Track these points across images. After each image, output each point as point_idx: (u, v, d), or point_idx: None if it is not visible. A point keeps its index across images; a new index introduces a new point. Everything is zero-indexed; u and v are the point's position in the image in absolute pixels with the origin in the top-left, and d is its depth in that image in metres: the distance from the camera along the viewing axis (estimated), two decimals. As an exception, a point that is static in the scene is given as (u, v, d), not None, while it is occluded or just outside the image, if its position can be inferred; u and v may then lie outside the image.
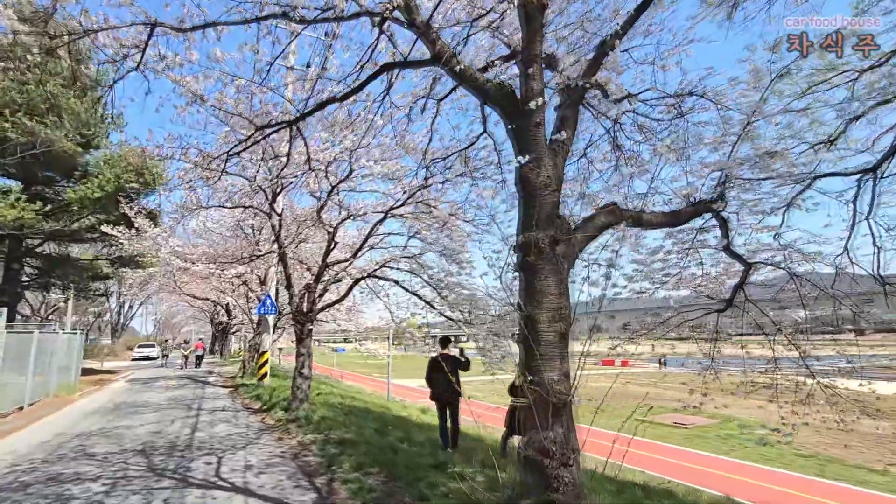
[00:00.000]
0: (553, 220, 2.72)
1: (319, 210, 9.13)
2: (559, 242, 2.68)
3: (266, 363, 12.89)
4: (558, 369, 2.69)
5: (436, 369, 6.36)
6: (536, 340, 2.64)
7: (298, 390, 8.84)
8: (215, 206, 9.63)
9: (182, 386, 14.87)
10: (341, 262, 9.35)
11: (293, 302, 9.24)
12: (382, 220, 8.91)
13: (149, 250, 14.80)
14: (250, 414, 9.55)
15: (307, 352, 9.05)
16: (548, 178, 2.76)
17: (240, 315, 24.66)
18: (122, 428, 8.26)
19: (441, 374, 6.31)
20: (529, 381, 2.63)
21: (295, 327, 9.07)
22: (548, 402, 2.59)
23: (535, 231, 2.69)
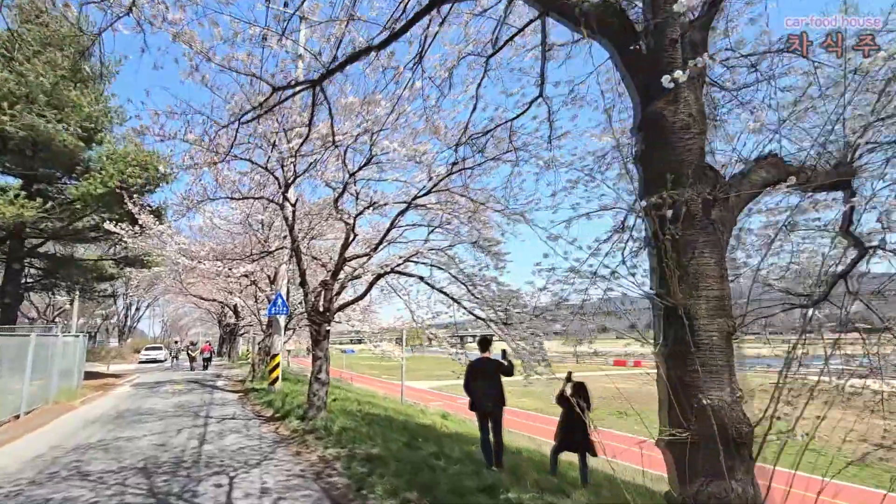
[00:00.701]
0: (702, 174, 1.93)
1: (337, 199, 8.36)
2: (715, 204, 1.88)
3: (277, 367, 12.15)
4: (729, 386, 1.88)
5: (476, 375, 5.56)
6: (695, 343, 1.83)
7: (315, 397, 8.07)
8: (223, 197, 8.90)
9: (189, 391, 14.17)
10: (360, 256, 8.57)
11: (308, 300, 8.48)
12: (405, 210, 8.12)
13: (154, 248, 14.14)
14: (262, 423, 8.79)
15: (324, 355, 8.28)
16: (689, 118, 1.97)
17: (248, 316, 24.01)
18: (123, 440, 7.52)
19: (482, 381, 5.51)
20: (696, 405, 1.82)
21: (310, 328, 8.30)
22: (726, 437, 1.77)
23: (675, 189, 1.88)
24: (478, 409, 5.55)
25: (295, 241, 8.40)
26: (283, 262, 12.32)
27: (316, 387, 8.11)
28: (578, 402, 5.84)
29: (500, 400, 5.51)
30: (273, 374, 12.05)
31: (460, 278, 7.91)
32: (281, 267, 12.61)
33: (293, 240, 8.40)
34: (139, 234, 13.24)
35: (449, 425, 10.33)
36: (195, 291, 24.77)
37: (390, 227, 8.25)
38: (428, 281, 8.35)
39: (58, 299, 28.95)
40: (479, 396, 5.49)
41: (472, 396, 5.56)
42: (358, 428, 7.21)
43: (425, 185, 7.88)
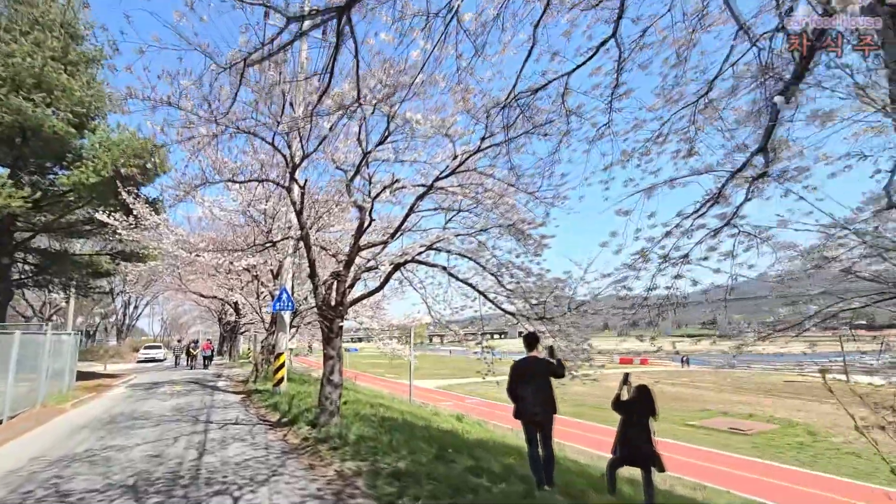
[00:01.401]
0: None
1: (350, 182, 7.54)
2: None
3: (283, 366, 11.34)
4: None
5: (523, 378, 4.73)
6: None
7: (327, 401, 7.25)
8: (224, 180, 8.05)
9: (188, 392, 13.35)
10: (375, 244, 7.74)
11: (318, 293, 7.65)
12: (426, 192, 7.29)
13: (149, 241, 13.31)
14: (269, 429, 7.97)
15: (337, 354, 7.46)
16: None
17: (250, 314, 23.20)
18: (113, 449, 6.70)
19: (530, 385, 4.68)
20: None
21: (321, 324, 7.48)
22: None
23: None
24: (525, 417, 4.72)
25: (304, 227, 7.56)
26: (287, 254, 11.49)
27: (328, 389, 7.29)
28: (641, 407, 5.06)
29: (552, 406, 4.70)
30: (278, 374, 11.24)
31: (489, 267, 7.09)
32: (286, 260, 11.78)
33: (301, 226, 7.57)
34: (134, 225, 12.44)
35: (470, 430, 9.53)
36: (194, 288, 24.05)
37: (409, 211, 7.41)
38: (451, 271, 7.54)
39: (53, 297, 28.11)
40: (527, 403, 4.66)
41: (519, 403, 4.73)
42: (378, 436, 6.39)
43: (448, 165, 7.07)
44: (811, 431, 14.87)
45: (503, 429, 15.04)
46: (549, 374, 4.69)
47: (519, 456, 6.18)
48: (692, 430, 16.61)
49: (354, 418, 7.66)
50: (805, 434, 14.74)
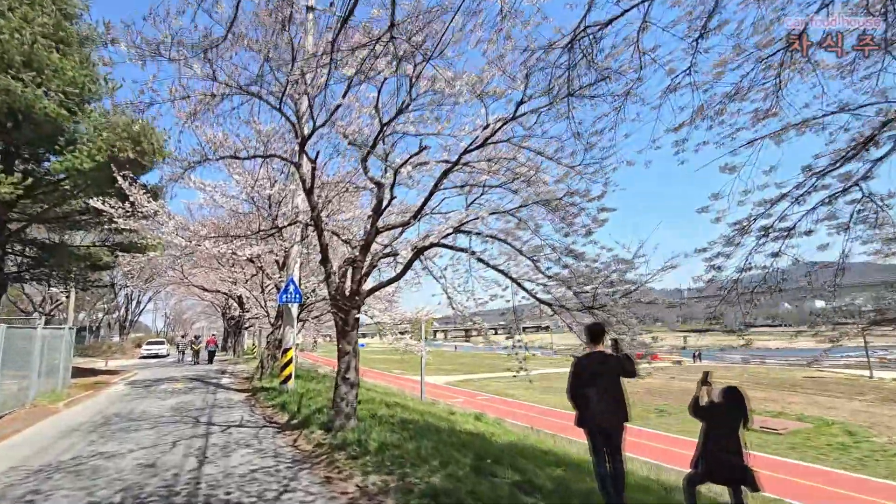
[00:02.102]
0: None
1: (365, 158, 6.73)
2: None
3: (290, 363, 10.57)
4: None
5: (587, 378, 3.90)
6: None
7: (343, 402, 6.45)
8: (225, 157, 7.24)
9: (190, 390, 12.62)
10: (394, 227, 6.92)
11: (332, 282, 6.85)
12: (453, 167, 6.46)
13: (147, 229, 12.54)
14: (277, 432, 7.19)
15: (353, 349, 6.65)
16: None
17: (254, 308, 22.48)
18: (103, 457, 5.94)
19: (597, 387, 3.85)
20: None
21: (335, 317, 6.68)
22: None
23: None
24: (590, 425, 3.89)
25: (314, 208, 6.74)
26: (294, 241, 10.69)
27: (343, 389, 6.50)
28: (730, 413, 4.24)
29: (624, 412, 3.87)
30: (285, 371, 10.48)
31: (525, 251, 6.26)
32: (292, 249, 10.99)
33: (312, 207, 6.75)
34: (131, 213, 11.65)
35: (494, 431, 8.74)
36: (197, 282, 23.37)
37: (434, 189, 6.58)
38: (481, 257, 6.71)
39: (53, 291, 27.48)
40: (593, 407, 3.83)
41: (583, 408, 3.90)
42: (402, 443, 5.59)
43: (478, 136, 6.24)
44: (849, 431, 14.03)
45: (519, 427, 14.27)
46: (619, 373, 3.86)
47: (568, 466, 5.38)
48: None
49: (372, 421, 6.87)
50: (843, 434, 13.89)
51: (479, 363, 46.65)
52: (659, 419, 17.86)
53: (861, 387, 25.26)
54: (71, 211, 16.15)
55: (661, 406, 20.09)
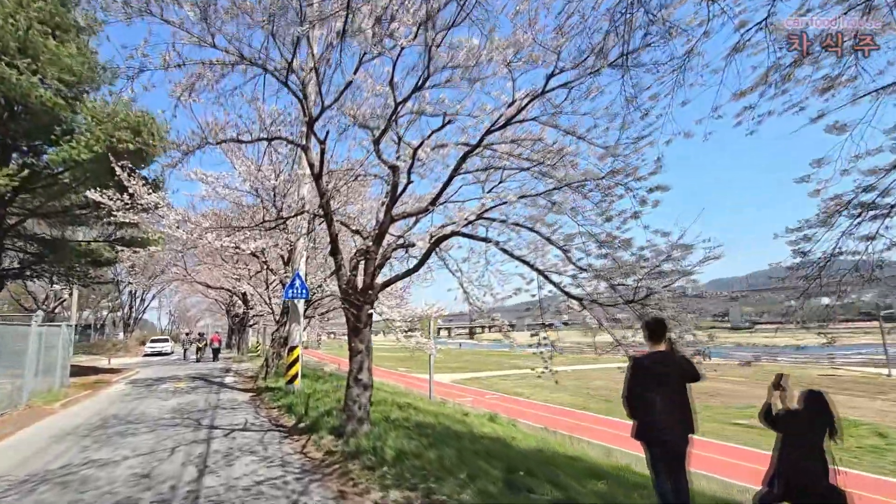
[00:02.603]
0: None
1: (378, 139, 6.20)
2: None
3: (297, 361, 10.07)
4: None
5: (649, 383, 3.33)
6: None
7: (355, 405, 5.93)
8: (227, 140, 6.70)
9: (192, 390, 12.15)
10: (410, 215, 6.36)
11: (342, 275, 6.31)
12: (475, 149, 5.91)
13: (147, 222, 12.06)
14: (283, 437, 6.68)
15: (366, 347, 6.12)
16: None
17: (259, 305, 22.05)
18: (95, 465, 5.44)
19: (659, 394, 3.29)
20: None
21: (346, 312, 6.14)
22: None
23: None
24: (651, 438, 3.33)
25: (324, 194, 6.20)
26: (300, 234, 10.17)
27: (355, 391, 5.97)
28: (812, 422, 3.68)
29: (690, 424, 3.31)
30: (292, 370, 9.98)
31: (555, 240, 5.70)
32: (298, 242, 10.47)
33: (322, 193, 6.20)
34: (130, 205, 11.18)
35: (516, 435, 8.20)
36: (200, 279, 22.98)
37: (453, 173, 6.02)
38: (505, 247, 6.16)
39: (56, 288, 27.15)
40: (657, 418, 3.27)
41: (643, 418, 3.34)
42: (422, 451, 5.06)
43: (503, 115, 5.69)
44: (880, 432, 13.41)
45: (533, 427, 13.72)
46: (686, 378, 3.30)
47: (606, 477, 4.83)
48: (741, 429, 15.18)
49: (386, 425, 6.33)
50: (873, 435, 13.27)
51: (484, 361, 46.15)
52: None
53: (881, 385, 24.54)
54: (71, 205, 15.72)
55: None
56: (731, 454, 12.31)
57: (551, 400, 22.58)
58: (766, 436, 14.05)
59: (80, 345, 34.14)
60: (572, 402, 21.84)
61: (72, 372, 16.58)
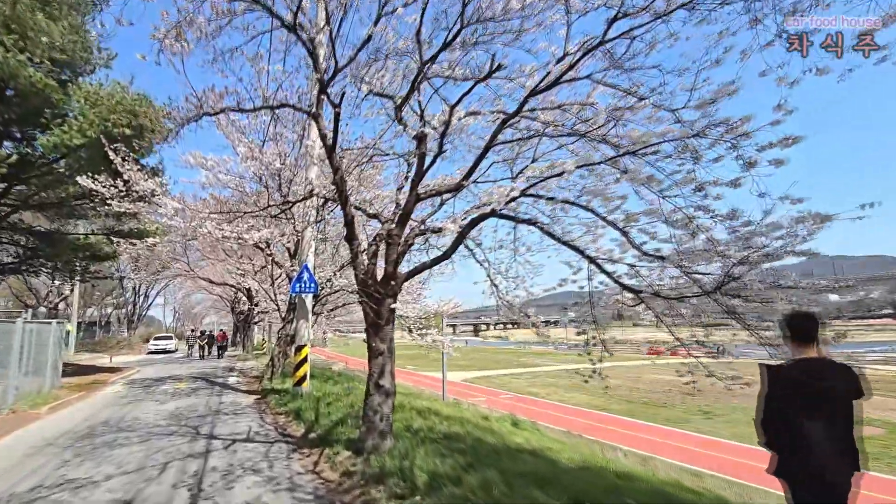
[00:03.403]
0: None
1: (401, 106, 5.32)
2: None
3: (305, 361, 9.20)
4: None
5: (802, 404, 2.38)
6: None
7: (376, 415, 5.04)
8: (226, 109, 5.81)
9: (193, 391, 11.33)
10: (440, 193, 5.44)
11: (359, 264, 5.42)
12: (514, 115, 4.99)
13: (145, 212, 11.26)
14: (292, 450, 5.81)
15: (388, 347, 5.23)
16: None
17: (264, 301, 21.27)
18: (71, 486, 4.60)
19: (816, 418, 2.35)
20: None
21: (365, 307, 5.24)
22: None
23: None
24: (809, 480, 2.37)
25: (338, 170, 5.29)
26: (308, 222, 9.29)
27: (376, 399, 5.08)
28: None
29: (856, 459, 2.37)
30: (300, 371, 9.11)
31: (614, 220, 4.78)
32: (305, 232, 9.59)
33: (335, 168, 5.30)
34: (125, 193, 10.37)
35: (552, 445, 7.29)
36: (204, 274, 22.26)
37: (490, 142, 5.10)
38: (549, 230, 5.24)
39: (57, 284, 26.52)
40: (816, 453, 2.32)
41: (792, 450, 2.39)
42: (459, 475, 4.16)
43: (549, 72, 4.78)
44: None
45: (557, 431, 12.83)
46: (852, 394, 2.36)
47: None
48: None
49: (411, 438, 5.44)
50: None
51: (492, 359, 45.28)
52: (703, 421, 16.29)
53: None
54: (67, 196, 14.92)
55: (703, 407, 18.52)
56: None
57: (567, 400, 21.66)
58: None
59: (85, 342, 33.59)
60: (590, 402, 20.90)
61: (69, 371, 15.86)
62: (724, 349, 4.29)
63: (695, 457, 11.52)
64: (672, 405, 19.11)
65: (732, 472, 10.30)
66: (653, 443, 13.10)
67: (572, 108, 5.27)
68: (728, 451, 12.36)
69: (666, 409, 18.29)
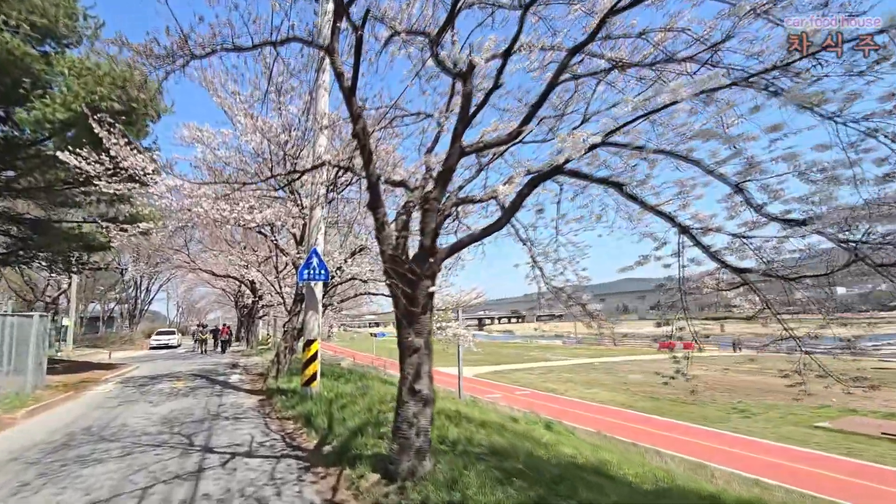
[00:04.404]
0: None
1: (436, 41, 4.20)
2: None
3: (315, 359, 8.11)
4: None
5: None
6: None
7: (412, 428, 3.92)
8: (222, 49, 4.66)
9: (191, 391, 10.29)
10: (489, 145, 4.26)
11: (386, 237, 4.28)
12: (592, 38, 3.83)
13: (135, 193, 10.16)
14: (303, 469, 4.71)
15: (425, 343, 4.10)
16: None
17: (268, 294, 20.25)
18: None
19: None
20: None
21: (395, 291, 4.11)
22: None
23: None
24: None
25: (359, 118, 4.14)
26: (317, 199, 8.16)
27: (412, 408, 3.96)
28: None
29: None
30: (309, 369, 8.02)
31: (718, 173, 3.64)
32: (314, 211, 8.45)
33: (355, 116, 4.14)
34: (113, 171, 9.27)
35: (609, 458, 6.16)
36: (206, 266, 21.31)
37: (556, 77, 3.93)
38: (630, 191, 4.09)
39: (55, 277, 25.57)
40: None
41: None
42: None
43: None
44: None
45: (587, 432, 11.73)
46: None
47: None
48: (828, 434, 13.06)
49: (453, 458, 4.33)
50: None
51: (501, 353, 44.11)
52: (742, 420, 15.14)
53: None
54: (55, 180, 13.87)
55: (737, 404, 17.36)
56: (839, 468, 10.17)
57: (589, 397, 20.52)
58: (863, 444, 11.97)
59: (87, 337, 32.75)
60: (613, 399, 19.77)
61: (62, 368, 14.87)
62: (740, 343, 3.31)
63: (750, 464, 10.39)
64: (702, 403, 17.95)
65: (792, 481, 9.18)
66: (693, 445, 11.97)
67: (654, 35, 4.11)
68: (779, 455, 11.21)
69: (697, 407, 17.13)
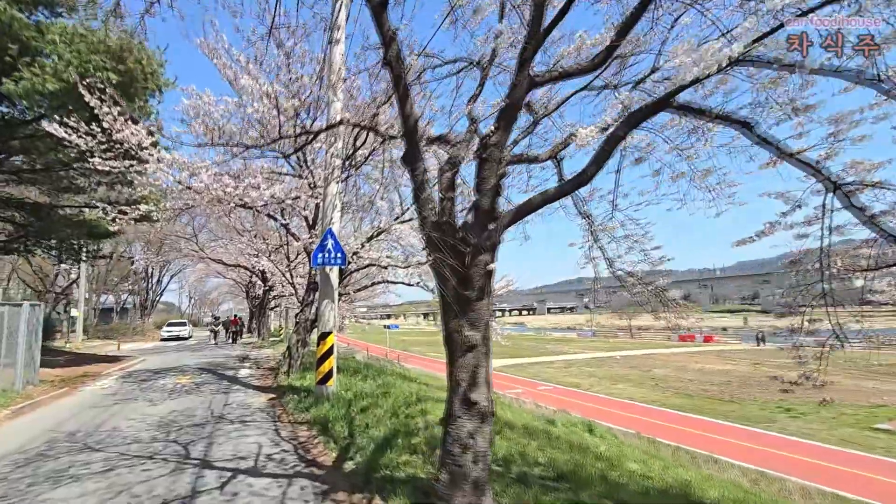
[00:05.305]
0: None
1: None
2: None
3: (331, 354, 7.15)
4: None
5: None
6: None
7: (466, 452, 2.91)
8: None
9: (196, 387, 9.43)
10: (567, 74, 3.17)
11: (425, 198, 3.25)
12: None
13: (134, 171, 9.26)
14: (322, 496, 3.74)
15: (483, 338, 3.08)
16: None
17: (279, 285, 19.48)
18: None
19: None
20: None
21: (439, 268, 3.09)
22: None
23: None
24: None
25: (392, 41, 3.10)
26: (333, 174, 7.16)
27: (466, 426, 2.95)
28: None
29: None
30: (324, 365, 7.08)
31: None
32: (329, 188, 7.45)
33: (388, 40, 3.10)
34: (107, 146, 8.37)
35: (687, 477, 5.11)
36: (216, 256, 20.69)
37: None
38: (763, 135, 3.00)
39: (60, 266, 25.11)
40: None
41: None
42: None
43: None
44: None
45: (624, 433, 10.69)
46: None
47: None
48: (893, 438, 11.83)
49: (510, 482, 3.31)
50: None
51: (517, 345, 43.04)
52: (794, 421, 13.94)
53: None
54: (55, 161, 13.08)
55: (780, 403, 16.12)
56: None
57: (616, 393, 19.42)
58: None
59: (99, 328, 32.41)
60: (642, 395, 18.65)
61: (65, 360, 14.21)
62: (764, 336, 2.36)
63: (827, 475, 9.24)
64: (741, 400, 16.76)
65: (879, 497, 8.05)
66: (743, 449, 10.84)
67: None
68: (852, 464, 10.03)
69: (737, 405, 15.95)
